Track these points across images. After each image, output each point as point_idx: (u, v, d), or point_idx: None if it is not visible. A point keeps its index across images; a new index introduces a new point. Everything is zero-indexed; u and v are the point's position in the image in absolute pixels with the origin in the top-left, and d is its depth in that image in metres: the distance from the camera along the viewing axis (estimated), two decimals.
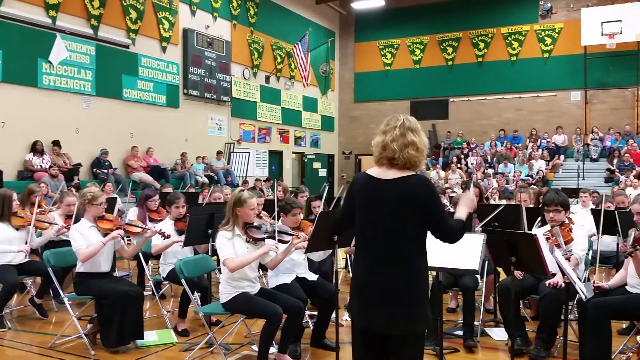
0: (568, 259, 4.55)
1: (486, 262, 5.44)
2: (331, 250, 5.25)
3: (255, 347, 4.66)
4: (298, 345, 4.76)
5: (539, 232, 4.90)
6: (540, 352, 4.54)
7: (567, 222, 4.87)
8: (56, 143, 12.37)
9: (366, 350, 2.93)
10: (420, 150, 2.86)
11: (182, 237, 5.42)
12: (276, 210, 5.07)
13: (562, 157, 19.08)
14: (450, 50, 21.82)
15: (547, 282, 4.55)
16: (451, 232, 2.87)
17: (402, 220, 2.79)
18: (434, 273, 4.43)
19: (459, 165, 19.07)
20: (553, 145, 19.43)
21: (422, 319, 2.84)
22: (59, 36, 12.41)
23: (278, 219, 5.05)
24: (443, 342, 4.43)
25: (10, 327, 5.57)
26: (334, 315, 4.63)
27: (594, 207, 7.54)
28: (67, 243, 5.35)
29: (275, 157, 20.34)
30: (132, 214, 6.93)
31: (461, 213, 2.95)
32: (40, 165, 11.75)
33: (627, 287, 4.45)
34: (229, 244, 4.32)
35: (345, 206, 3.06)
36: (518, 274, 4.83)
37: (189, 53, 15.99)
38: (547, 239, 4.72)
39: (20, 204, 6.15)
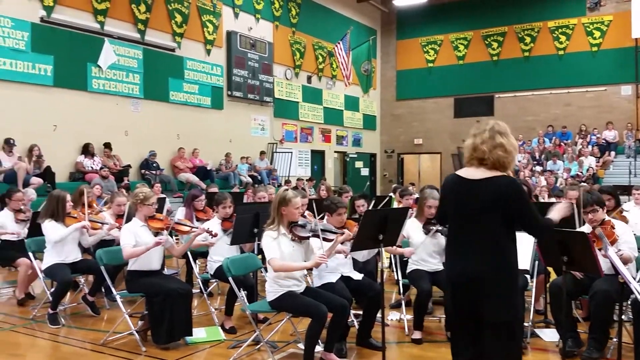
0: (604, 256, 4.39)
1: (536, 262, 5.31)
2: (376, 250, 5.26)
3: (301, 346, 4.68)
4: (344, 344, 4.75)
5: (588, 231, 4.75)
6: (592, 354, 4.41)
7: (607, 219, 4.72)
8: (107, 145, 12.74)
9: (463, 337, 3.20)
10: (508, 151, 3.08)
11: (226, 237, 5.48)
12: (315, 210, 5.08)
13: (612, 153, 18.46)
14: (495, 45, 21.41)
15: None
16: (540, 229, 3.18)
17: (492, 218, 3.02)
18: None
19: None
20: (603, 141, 18.82)
21: (510, 307, 3.07)
22: (107, 41, 12.76)
23: (322, 218, 5.05)
24: (520, 330, 4.34)
25: (64, 324, 5.73)
26: (379, 314, 4.61)
27: None
28: (118, 242, 5.48)
29: (318, 157, 20.39)
30: (180, 213, 7.07)
31: (554, 215, 3.27)
32: (91, 167, 12.11)
33: None
34: (275, 244, 4.36)
35: (440, 206, 3.38)
36: (578, 273, 4.71)
37: (232, 55, 16.19)
38: (593, 241, 4.58)
39: (73, 205, 6.34)
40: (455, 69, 22.07)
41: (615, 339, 4.25)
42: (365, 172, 22.72)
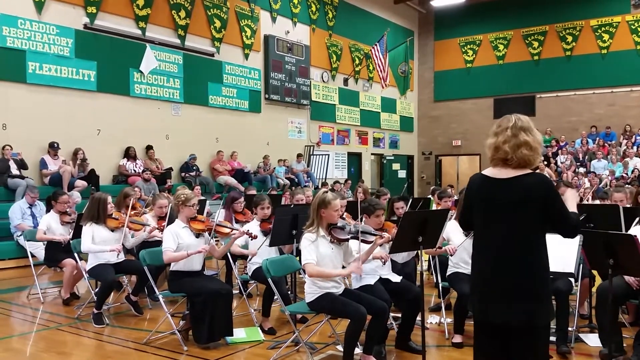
0: None
1: (581, 265, 5.18)
2: (415, 252, 5.22)
3: (340, 347, 4.67)
4: (383, 346, 4.73)
5: (638, 232, 4.60)
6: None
7: None
8: (149, 148, 13.00)
9: (488, 345, 3.03)
10: (534, 148, 2.92)
11: (264, 239, 5.52)
12: (359, 212, 5.07)
13: None
14: (536, 44, 21.00)
15: None
16: (573, 227, 2.93)
17: (522, 218, 2.87)
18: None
19: (547, 163, 18.28)
20: None
21: (546, 312, 2.91)
22: (148, 46, 13.04)
23: (361, 221, 5.04)
24: (547, 337, 4.25)
25: (108, 323, 5.84)
26: (419, 317, 4.57)
27: None
28: (161, 243, 5.58)
29: (354, 159, 20.36)
30: (220, 215, 7.16)
31: (572, 208, 3.00)
32: (134, 170, 12.37)
33: None
34: (312, 247, 4.36)
35: (464, 208, 3.18)
36: (633, 280, 4.54)
37: (269, 59, 16.33)
38: None
39: (116, 207, 6.48)
40: (494, 69, 21.74)
41: None
42: (402, 174, 22.57)
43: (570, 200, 3.05)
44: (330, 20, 18.90)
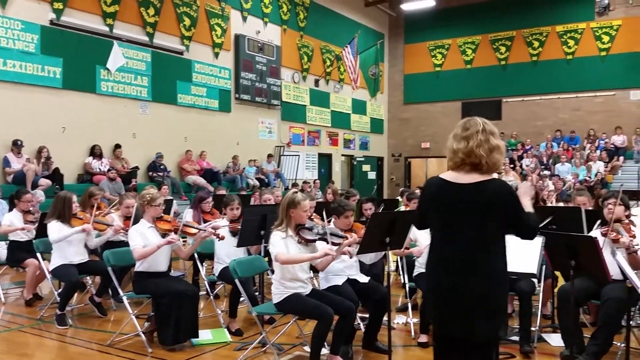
0: (636, 252, 4.35)
1: (544, 266, 5.29)
2: (383, 253, 5.25)
3: (307, 348, 4.67)
4: (350, 347, 4.74)
5: (598, 233, 4.72)
6: (588, 359, 4.37)
7: (626, 220, 4.68)
8: (117, 146, 12.80)
9: (449, 356, 2.94)
10: (502, 153, 2.89)
11: (233, 239, 5.49)
12: (325, 213, 5.08)
13: (621, 158, 18.36)
14: (503, 49, 21.37)
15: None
16: (532, 229, 2.87)
17: (484, 225, 2.79)
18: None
19: (512, 166, 18.62)
20: (612, 146, 18.73)
21: (502, 324, 2.92)
22: (116, 44, 12.83)
23: (329, 221, 5.05)
24: (499, 347, 4.33)
25: (71, 324, 5.75)
26: (385, 317, 4.60)
27: None
28: (126, 243, 5.51)
29: (325, 160, 20.40)
30: (188, 216, 7.09)
31: (528, 205, 2.93)
32: (99, 169, 12.17)
33: None
34: (282, 243, 4.37)
35: (420, 212, 3.07)
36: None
37: (240, 58, 16.25)
38: (605, 234, 4.53)
39: (81, 206, 6.36)
40: (463, 73, 22.05)
41: (622, 344, 4.21)
42: (372, 175, 22.71)
43: (524, 194, 2.97)
44: (301, 21, 18.90)
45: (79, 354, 4.95)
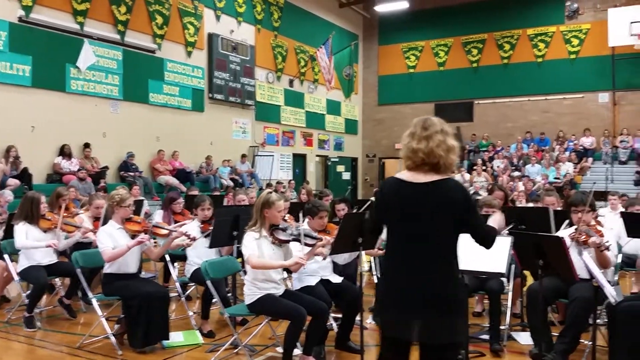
0: (607, 248, 4.44)
1: (513, 266, 5.37)
2: (357, 253, 5.27)
3: (279, 349, 4.67)
4: (322, 347, 4.76)
5: (566, 234, 4.82)
6: (557, 358, 4.46)
7: (593, 223, 4.78)
8: (86, 146, 12.60)
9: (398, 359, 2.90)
10: (457, 153, 2.88)
11: (205, 240, 5.47)
12: (301, 213, 5.09)
13: (590, 159, 18.74)
14: (475, 52, 21.64)
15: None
16: (489, 236, 2.90)
17: (441, 224, 2.79)
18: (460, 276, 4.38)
19: (484, 168, 18.87)
20: (581, 147, 19.11)
21: (461, 327, 2.83)
22: (86, 42, 12.61)
23: (303, 222, 5.06)
24: (469, 346, 4.39)
25: (39, 327, 5.68)
26: (358, 317, 4.62)
27: (623, 210, 7.41)
28: (95, 245, 5.43)
29: (299, 160, 20.39)
30: (158, 216, 7.02)
31: (493, 224, 3.00)
32: (69, 169, 11.97)
33: None
34: (255, 244, 4.36)
35: (377, 211, 3.03)
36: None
37: (213, 57, 16.14)
38: (573, 239, 4.63)
39: (49, 207, 6.26)
40: (435, 75, 22.25)
41: (589, 342, 4.30)
42: (346, 176, 22.77)
43: (494, 221, 3.05)
44: (275, 21, 18.86)
45: (47, 356, 4.88)
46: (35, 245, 5.75)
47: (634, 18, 18.00)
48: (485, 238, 2.89)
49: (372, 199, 9.02)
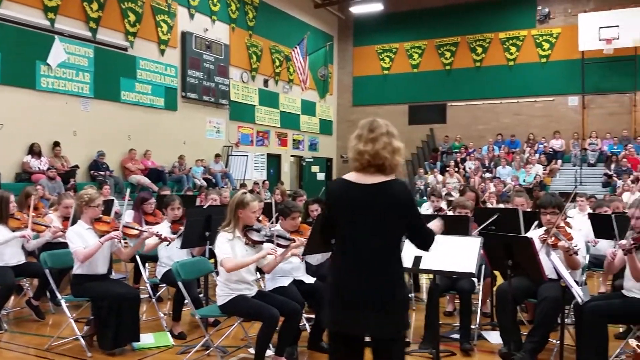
0: (576, 252, 4.53)
1: (483, 266, 5.44)
2: (329, 254, 5.28)
3: (252, 350, 4.65)
4: (295, 348, 4.75)
5: (535, 235, 4.90)
6: (526, 357, 4.53)
7: (562, 225, 4.86)
8: (56, 144, 12.38)
9: (346, 357, 2.96)
10: (402, 155, 2.95)
11: (175, 240, 5.43)
12: (274, 213, 5.08)
13: (559, 161, 19.11)
14: (448, 54, 21.87)
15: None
16: (429, 239, 3.00)
17: (387, 225, 2.85)
18: (431, 276, 4.43)
19: (456, 169, 19.09)
20: (550, 150, 19.46)
21: (406, 322, 2.97)
22: (57, 38, 12.42)
23: (277, 222, 5.05)
24: (439, 345, 4.43)
25: (7, 329, 5.57)
26: None
27: (591, 211, 7.56)
28: (64, 245, 5.35)
29: (274, 161, 20.35)
30: (129, 216, 6.92)
31: (435, 230, 3.12)
32: (38, 167, 11.75)
33: (623, 291, 4.46)
34: (228, 245, 4.34)
35: (327, 213, 3.10)
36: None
37: (187, 56, 16.01)
38: (543, 241, 4.71)
39: (18, 206, 6.14)
40: (409, 77, 22.43)
41: (557, 342, 4.38)
42: (321, 176, 22.79)
43: (435, 226, 3.18)
44: (250, 21, 18.79)
45: (15, 359, 4.79)
46: (7, 238, 5.61)
47: (603, 23, 18.44)
48: (425, 241, 3.00)
49: None
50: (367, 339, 2.93)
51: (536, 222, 5.37)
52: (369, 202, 2.84)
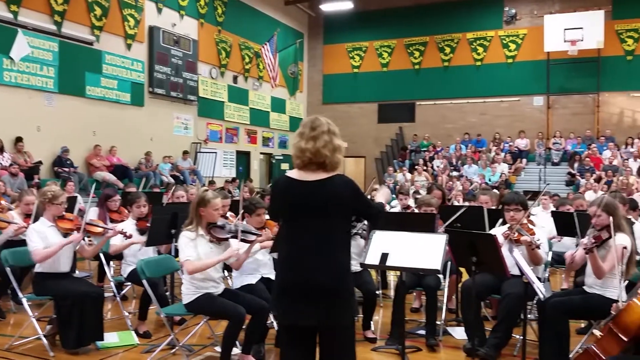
0: (538, 247, 4.61)
1: (449, 263, 5.51)
2: None
3: (218, 348, 4.62)
4: (262, 345, 4.73)
5: (499, 232, 4.98)
6: (490, 352, 4.62)
7: (525, 222, 4.95)
8: (20, 140, 12.08)
9: (297, 347, 3.04)
10: (342, 153, 3.04)
11: (144, 237, 5.36)
12: (241, 210, 5.05)
13: (524, 160, 19.46)
14: (417, 54, 22.05)
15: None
16: (377, 212, 3.16)
17: (331, 219, 2.94)
18: (398, 273, 4.47)
19: (425, 167, 19.29)
20: (516, 149, 19.81)
21: (354, 309, 3.08)
22: (20, 32, 12.11)
23: (243, 219, 5.03)
24: (406, 341, 4.47)
25: None
26: None
27: (554, 209, 7.73)
28: (26, 242, 5.21)
29: (243, 158, 20.24)
30: (93, 214, 6.79)
31: (382, 200, 3.38)
32: (0, 164, 11.45)
33: (584, 287, 4.57)
34: (191, 245, 4.29)
35: (272, 210, 3.21)
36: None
37: (154, 51, 15.78)
38: (507, 237, 4.79)
39: None
40: (379, 76, 22.54)
41: (520, 337, 4.46)
42: None
43: (381, 195, 3.37)
44: (219, 16, 18.63)
45: None
46: None
47: (568, 25, 18.84)
48: (372, 214, 3.16)
49: None
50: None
51: (500, 220, 5.47)
52: (310, 198, 2.93)
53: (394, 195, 10.85)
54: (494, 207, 6.65)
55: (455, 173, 18.77)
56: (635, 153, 17.92)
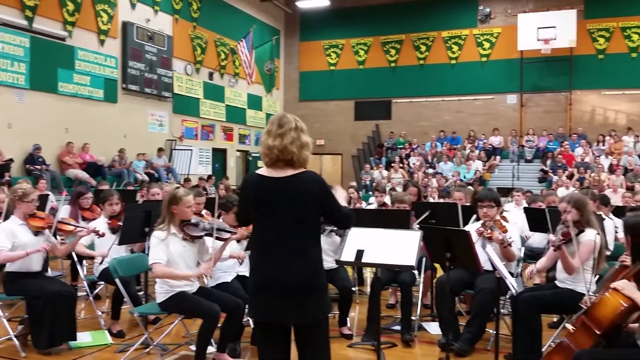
0: (510, 244, 4.68)
1: (424, 259, 5.56)
2: None
3: (193, 347, 4.59)
4: (238, 343, 4.72)
5: (472, 228, 5.03)
6: (464, 346, 4.67)
7: (498, 218, 5.01)
8: None
9: (273, 344, 3.04)
10: (310, 149, 3.06)
11: (113, 237, 5.30)
12: (217, 208, 5.01)
13: (498, 157, 19.69)
14: (393, 52, 22.15)
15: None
16: (347, 218, 3.13)
17: (302, 215, 2.95)
18: (374, 270, 4.49)
19: (401, 165, 19.39)
20: (490, 146, 20.03)
21: (327, 304, 3.10)
22: None
23: (219, 217, 4.99)
24: (381, 337, 4.49)
25: None
26: None
27: (526, 205, 7.84)
28: None
29: (219, 155, 20.11)
30: (64, 212, 6.68)
31: (343, 202, 3.26)
32: None
33: (556, 282, 4.65)
34: (161, 246, 4.24)
35: (242, 208, 3.21)
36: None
37: (128, 47, 15.56)
38: (480, 234, 4.85)
39: None
40: (356, 73, 22.57)
41: (493, 332, 4.52)
42: None
43: (340, 196, 3.28)
44: (194, 12, 18.45)
45: None
46: None
47: (541, 24, 19.11)
48: (342, 219, 3.13)
49: None
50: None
51: (474, 216, 5.53)
52: (280, 194, 2.94)
53: (370, 192, 10.89)
54: (468, 204, 6.72)
55: (431, 170, 18.92)
56: (607, 150, 18.28)
